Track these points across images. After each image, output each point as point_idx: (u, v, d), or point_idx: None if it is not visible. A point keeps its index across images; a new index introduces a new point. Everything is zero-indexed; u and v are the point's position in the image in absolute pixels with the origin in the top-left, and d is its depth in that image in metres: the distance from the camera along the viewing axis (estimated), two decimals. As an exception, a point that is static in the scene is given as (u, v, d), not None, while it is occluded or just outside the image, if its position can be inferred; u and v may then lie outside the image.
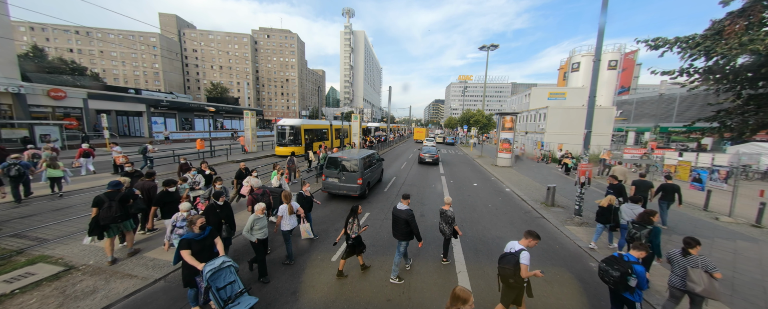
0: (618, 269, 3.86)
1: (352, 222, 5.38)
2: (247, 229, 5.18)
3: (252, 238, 5.21)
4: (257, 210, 5.34)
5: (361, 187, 10.50)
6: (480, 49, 36.81)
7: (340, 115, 42.42)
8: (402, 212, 5.46)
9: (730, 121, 9.94)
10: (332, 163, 10.91)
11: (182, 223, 5.21)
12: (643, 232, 5.43)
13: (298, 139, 22.10)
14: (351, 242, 5.40)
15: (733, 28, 8.22)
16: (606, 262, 4.06)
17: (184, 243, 4.09)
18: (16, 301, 4.36)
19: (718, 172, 11.25)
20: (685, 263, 4.24)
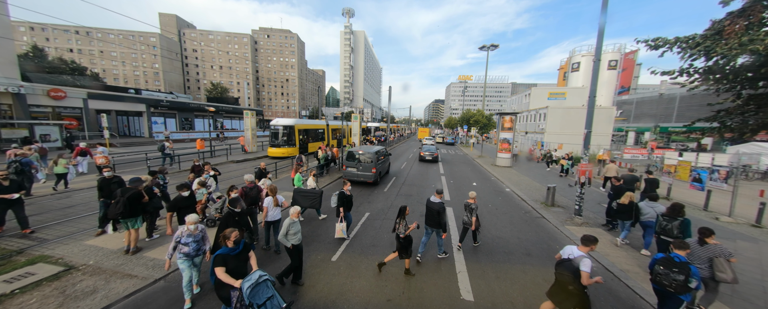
0: (680, 272, 3.82)
1: (400, 222, 5.59)
2: (283, 235, 4.96)
3: (287, 243, 4.99)
4: (293, 213, 5.10)
5: (374, 175, 12.95)
6: (480, 49, 36.82)
7: (340, 115, 42.31)
8: (435, 204, 6.19)
9: (730, 121, 9.95)
10: (351, 156, 13.28)
11: (187, 239, 4.46)
12: (674, 224, 5.65)
13: (292, 139, 21.16)
14: (402, 241, 5.56)
15: (733, 28, 8.23)
16: (663, 265, 4.00)
17: (220, 260, 3.70)
18: (16, 301, 4.35)
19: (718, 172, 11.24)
20: (704, 253, 4.48)
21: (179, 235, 4.49)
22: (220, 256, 3.75)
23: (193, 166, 10.16)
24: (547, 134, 30.51)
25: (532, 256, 6.73)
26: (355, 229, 7.95)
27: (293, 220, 5.05)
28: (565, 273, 3.95)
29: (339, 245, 6.90)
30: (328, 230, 7.79)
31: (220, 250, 3.85)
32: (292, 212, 5.13)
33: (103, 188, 6.75)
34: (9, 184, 6.45)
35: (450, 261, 6.35)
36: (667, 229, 5.70)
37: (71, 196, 10.00)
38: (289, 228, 4.97)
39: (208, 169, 9.09)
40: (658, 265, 4.06)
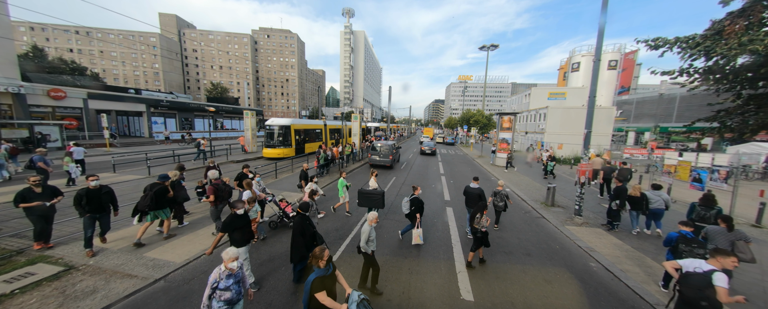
0: (701, 247, 4.68)
1: (479, 217, 5.90)
2: (365, 242, 4.85)
3: (368, 250, 4.89)
4: (372, 219, 4.93)
5: (391, 161, 18.43)
6: (480, 49, 36.79)
7: (340, 115, 42.24)
8: (474, 190, 7.58)
9: (730, 121, 9.94)
10: (374, 148, 18.80)
11: (227, 281, 3.48)
12: (712, 213, 6.36)
13: (288, 140, 20.63)
14: (479, 235, 5.89)
15: (733, 28, 8.22)
16: (683, 241, 4.84)
17: (319, 284, 3.37)
18: (16, 301, 4.35)
19: (718, 172, 11.24)
20: (728, 237, 5.04)
21: (216, 280, 3.45)
22: (318, 280, 3.40)
23: (207, 167, 9.91)
24: (547, 134, 30.50)
25: (532, 256, 6.73)
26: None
27: (373, 226, 4.95)
28: (694, 289, 3.52)
29: (340, 245, 6.90)
30: (327, 230, 7.79)
31: (315, 273, 3.48)
32: (370, 218, 4.98)
33: (92, 200, 5.84)
34: (41, 192, 5.86)
35: (450, 261, 6.35)
36: (706, 217, 6.46)
37: (72, 196, 9.98)
38: (370, 234, 4.87)
39: (247, 172, 9.02)
40: (682, 243, 4.87)
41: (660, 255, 6.81)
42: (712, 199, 6.70)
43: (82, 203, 5.76)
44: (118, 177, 12.97)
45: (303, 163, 11.24)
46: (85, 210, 5.80)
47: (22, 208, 5.69)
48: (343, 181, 9.13)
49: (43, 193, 5.87)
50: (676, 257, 4.83)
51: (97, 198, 5.95)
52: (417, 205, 6.85)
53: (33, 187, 5.79)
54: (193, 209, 9.03)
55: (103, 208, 6.10)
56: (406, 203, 7.04)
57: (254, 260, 6.00)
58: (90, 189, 5.90)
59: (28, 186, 5.78)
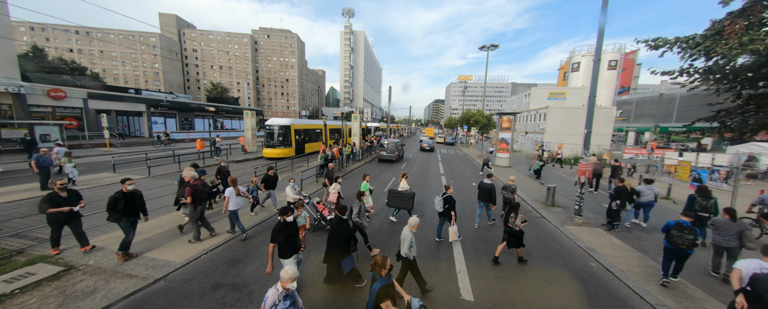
0: (691, 233, 5.23)
1: (514, 217, 6.02)
2: (408, 248, 4.77)
3: (411, 255, 4.82)
4: (413, 225, 4.84)
5: (396, 156, 21.69)
6: (480, 49, 36.80)
7: (340, 115, 42.25)
8: (487, 185, 8.21)
9: (730, 121, 9.93)
10: (382, 145, 22.22)
11: (285, 303, 3.25)
12: (710, 202, 7.22)
13: (288, 140, 20.61)
14: (516, 234, 5.99)
15: (733, 28, 8.21)
16: (677, 228, 5.34)
17: (384, 293, 3.31)
18: (16, 301, 4.36)
19: (718, 172, 11.24)
20: (734, 228, 5.56)
21: (274, 302, 3.17)
22: (383, 289, 3.33)
23: (219, 167, 9.71)
24: (547, 134, 30.49)
25: (532, 256, 6.73)
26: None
27: (414, 231, 4.87)
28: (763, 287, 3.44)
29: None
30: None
31: (379, 282, 3.41)
32: (412, 223, 4.86)
33: (128, 204, 5.72)
34: (67, 196, 5.70)
35: (450, 261, 6.35)
36: (707, 207, 7.24)
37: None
38: (412, 240, 4.79)
39: (272, 174, 8.91)
40: (674, 230, 5.34)
41: (660, 255, 6.78)
42: (707, 190, 7.45)
43: (117, 207, 5.57)
44: (118, 177, 12.95)
45: (303, 163, 11.24)
46: (120, 214, 5.62)
47: (49, 213, 5.48)
48: (366, 184, 8.59)
49: (70, 198, 5.71)
50: (668, 241, 5.45)
51: (132, 202, 5.81)
52: (450, 204, 6.97)
53: (59, 192, 5.61)
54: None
55: (137, 213, 5.98)
56: (440, 202, 7.10)
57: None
58: (125, 192, 5.72)
59: (53, 190, 5.59)
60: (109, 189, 11.12)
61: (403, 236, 4.87)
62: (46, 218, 5.56)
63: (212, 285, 5.11)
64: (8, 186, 10.81)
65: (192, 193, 6.52)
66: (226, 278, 5.35)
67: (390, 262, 3.51)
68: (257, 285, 5.17)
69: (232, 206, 6.90)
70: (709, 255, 6.83)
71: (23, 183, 11.38)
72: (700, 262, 6.51)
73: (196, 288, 5.00)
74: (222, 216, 8.32)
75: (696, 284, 5.61)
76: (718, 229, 5.74)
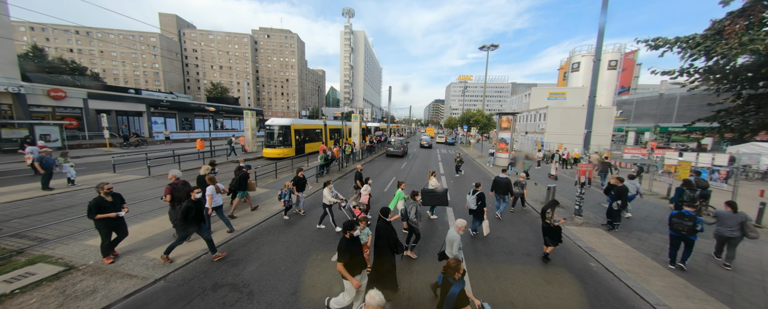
0: (690, 220, 5.72)
1: (551, 213, 6.20)
2: (458, 249, 4.85)
3: (460, 256, 4.89)
4: (461, 227, 4.94)
5: (402, 152, 25.66)
6: (480, 49, 36.79)
7: (340, 115, 42.26)
8: (503, 179, 9.01)
9: (730, 121, 9.94)
10: (389, 143, 26.71)
11: None
12: (696, 194, 8.16)
13: (288, 140, 20.58)
14: (553, 230, 6.13)
15: (733, 28, 8.23)
16: (677, 217, 5.88)
17: (463, 297, 3.30)
18: (16, 301, 4.35)
19: (718, 172, 11.25)
20: (736, 219, 5.99)
21: None
22: (462, 293, 3.27)
23: (238, 167, 9.38)
24: (547, 134, 30.51)
25: (532, 257, 6.73)
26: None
27: (461, 233, 4.91)
28: None
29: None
30: (328, 229, 7.79)
31: (456, 286, 3.34)
32: (460, 225, 4.92)
33: (198, 212, 5.79)
34: (112, 201, 5.64)
35: (450, 261, 6.35)
36: (694, 197, 8.09)
37: (72, 196, 10.01)
38: (460, 242, 4.84)
39: (301, 175, 8.90)
40: (675, 218, 5.92)
41: (660, 255, 6.82)
42: (692, 183, 8.43)
43: (188, 217, 5.54)
44: (118, 177, 12.97)
45: (303, 163, 11.26)
46: (191, 223, 5.59)
47: (97, 219, 5.39)
48: (401, 192, 7.90)
49: (114, 202, 5.65)
50: (671, 228, 6.03)
51: (199, 209, 5.79)
52: (482, 200, 7.41)
53: (105, 197, 5.52)
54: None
55: (203, 219, 5.86)
56: (473, 199, 7.43)
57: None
58: (194, 200, 5.69)
59: (99, 195, 5.51)
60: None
61: (450, 238, 4.89)
62: (95, 224, 5.48)
63: (212, 285, 5.11)
64: (8, 186, 10.81)
65: (171, 192, 6.52)
66: (226, 278, 5.34)
67: (464, 267, 3.41)
68: (257, 285, 5.17)
69: (216, 204, 7.06)
70: (708, 253, 6.86)
71: (23, 183, 11.38)
72: (701, 262, 6.51)
73: (196, 288, 5.00)
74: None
75: (696, 284, 5.61)
76: (721, 221, 6.14)
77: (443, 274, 3.58)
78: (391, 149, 25.70)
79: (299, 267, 5.85)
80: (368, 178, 9.21)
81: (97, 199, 5.42)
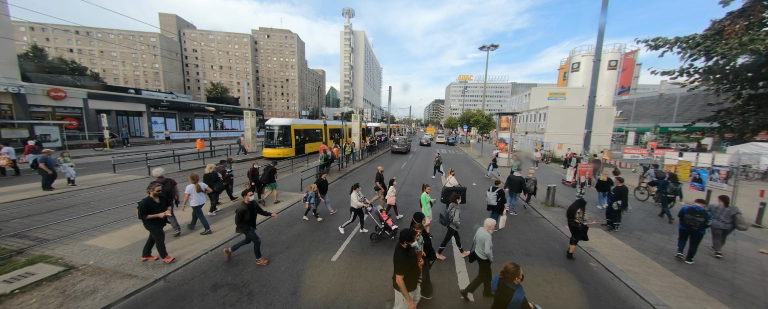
0: (701, 216, 6.12)
1: (581, 213, 6.34)
2: (489, 248, 4.86)
3: (491, 256, 4.93)
4: (490, 226, 4.98)
5: (406, 149, 28.23)
6: (480, 49, 36.79)
7: (340, 115, 42.28)
8: (516, 178, 9.49)
9: (730, 121, 9.95)
10: (395, 141, 30.05)
11: None
12: (679, 187, 9.05)
13: (288, 140, 20.58)
14: (580, 228, 6.33)
15: (733, 28, 8.23)
16: (690, 213, 6.24)
17: (526, 303, 3.26)
18: (16, 301, 4.35)
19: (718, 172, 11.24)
20: (727, 212, 6.50)
21: None
22: (526, 300, 3.22)
23: (253, 169, 9.73)
24: (547, 134, 30.50)
25: (532, 256, 6.73)
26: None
27: (491, 232, 4.95)
28: None
29: (339, 245, 6.90)
30: (328, 229, 7.79)
31: (519, 292, 3.25)
32: (489, 224, 4.95)
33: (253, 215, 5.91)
34: (160, 202, 5.70)
35: (450, 261, 6.35)
36: (677, 190, 9.17)
37: (72, 196, 10.00)
38: (490, 241, 4.87)
39: (325, 178, 8.83)
40: (687, 214, 6.26)
41: (660, 255, 6.82)
42: (676, 177, 9.37)
43: (245, 219, 5.61)
44: (118, 177, 12.97)
45: (303, 163, 11.28)
46: (248, 225, 5.67)
47: (147, 220, 5.48)
48: (426, 196, 7.54)
49: (161, 204, 5.72)
50: (683, 224, 6.36)
51: (253, 212, 5.82)
52: (502, 196, 7.85)
53: (154, 198, 5.59)
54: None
55: (255, 223, 5.91)
56: (493, 196, 7.81)
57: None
58: (248, 203, 5.74)
59: (149, 196, 5.57)
60: (109, 189, 11.13)
61: (481, 237, 4.88)
62: (145, 225, 5.56)
63: (212, 285, 5.11)
64: (8, 186, 10.81)
65: None
66: (226, 278, 5.34)
67: (522, 272, 3.33)
68: (257, 285, 5.17)
69: (194, 202, 7.09)
70: (708, 253, 6.87)
71: (23, 183, 11.38)
72: (701, 262, 6.51)
73: (196, 288, 5.00)
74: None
75: (696, 284, 5.61)
76: (715, 214, 6.56)
77: (501, 279, 3.41)
78: (396, 146, 28.31)
79: (299, 267, 5.85)
80: (393, 179, 9.19)
81: (146, 199, 5.48)
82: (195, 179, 7.15)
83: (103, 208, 8.85)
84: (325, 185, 8.87)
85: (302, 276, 5.52)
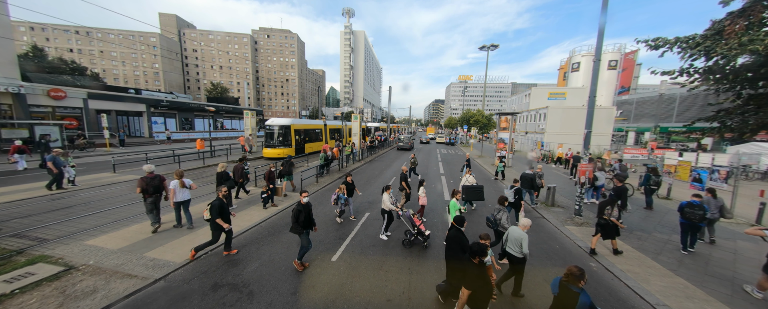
0: (700, 209, 6.65)
1: (610, 209, 6.48)
2: (526, 247, 4.94)
3: (527, 255, 5.00)
4: (526, 225, 5.07)
5: (410, 145, 31.99)
6: (480, 49, 36.80)
7: (340, 115, 42.32)
8: (529, 174, 9.97)
9: (730, 121, 9.93)
10: (399, 139, 40.56)
11: None
12: (660, 179, 10.60)
13: (288, 140, 20.61)
14: (612, 225, 6.45)
15: (733, 28, 8.21)
16: (689, 207, 6.74)
17: (595, 306, 3.25)
18: (16, 301, 4.35)
19: (718, 172, 11.24)
20: (716, 203, 7.31)
21: None
22: (592, 304, 3.19)
23: (269, 172, 9.39)
24: (547, 134, 30.51)
25: (532, 256, 6.71)
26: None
27: (527, 231, 5.05)
28: None
29: (339, 245, 6.90)
30: (328, 229, 7.79)
31: (585, 296, 3.18)
32: (526, 224, 5.04)
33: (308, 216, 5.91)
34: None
35: (450, 261, 6.34)
36: (659, 182, 10.67)
37: (72, 196, 10.00)
38: (527, 240, 4.95)
39: (350, 180, 8.79)
40: (687, 208, 6.77)
41: (660, 255, 6.82)
42: (656, 169, 10.61)
43: (299, 219, 5.57)
44: (118, 177, 12.97)
45: (303, 163, 11.31)
46: (301, 226, 5.63)
47: (218, 221, 5.77)
48: (455, 203, 7.11)
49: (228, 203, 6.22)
50: (683, 217, 6.81)
51: (309, 213, 5.78)
52: (520, 194, 8.37)
53: (224, 199, 6.06)
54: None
55: (310, 224, 5.84)
56: (511, 193, 8.32)
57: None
58: (304, 204, 5.74)
59: (219, 197, 6.02)
60: (110, 189, 11.13)
61: (519, 236, 4.97)
62: (212, 225, 5.86)
63: (212, 285, 5.11)
64: (8, 186, 10.81)
65: (142, 185, 6.98)
66: (226, 278, 5.34)
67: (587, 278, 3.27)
68: (257, 285, 5.17)
69: (179, 198, 7.24)
70: (708, 253, 6.87)
71: (23, 183, 11.38)
72: (701, 262, 6.51)
73: (196, 288, 5.00)
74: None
75: (696, 284, 5.61)
76: (705, 204, 6.99)
77: (564, 281, 3.37)
78: (401, 143, 33.41)
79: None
80: (423, 179, 9.12)
81: (219, 201, 5.92)
82: (181, 176, 7.34)
83: (103, 208, 8.86)
84: (351, 188, 8.71)
85: (302, 276, 5.52)
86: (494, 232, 6.39)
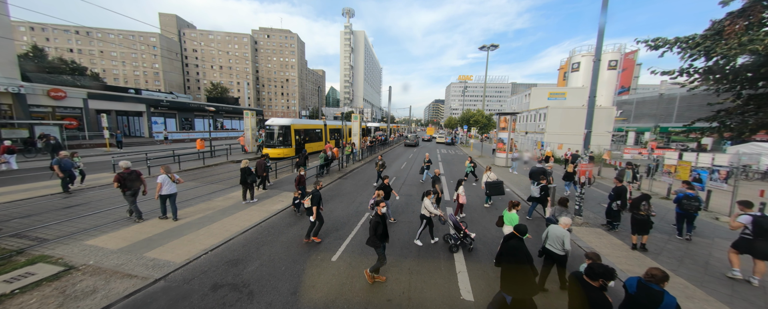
0: (696, 201, 7.39)
1: (646, 205, 6.78)
2: (569, 245, 5.05)
3: (569, 252, 5.11)
4: (566, 224, 5.18)
5: (415, 143, 38.97)
6: (480, 49, 36.84)
7: (340, 115, 42.39)
8: (538, 169, 10.06)
9: (730, 121, 9.94)
10: (405, 137, 46.58)
11: None
12: (639, 175, 11.11)
13: (288, 139, 20.65)
14: (646, 222, 6.78)
15: (733, 28, 8.23)
16: (687, 199, 7.40)
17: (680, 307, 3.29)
18: (16, 301, 4.35)
19: (718, 172, 11.24)
20: (700, 196, 7.72)
21: None
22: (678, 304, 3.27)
23: (299, 176, 9.31)
24: (547, 134, 30.48)
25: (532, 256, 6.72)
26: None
27: (568, 229, 5.16)
28: None
29: (339, 245, 6.90)
30: (328, 229, 7.79)
31: (670, 296, 3.22)
32: (566, 222, 5.19)
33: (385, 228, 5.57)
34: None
35: (450, 261, 6.34)
36: (637, 176, 12.14)
37: (71, 196, 10.00)
38: (569, 238, 5.08)
39: (387, 183, 8.62)
40: (684, 199, 7.43)
41: (660, 255, 6.82)
42: (634, 165, 12.02)
43: (378, 231, 5.14)
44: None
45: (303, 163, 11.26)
46: (379, 239, 5.20)
47: (314, 208, 6.70)
48: (513, 215, 6.27)
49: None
50: (680, 208, 7.48)
51: (385, 225, 5.32)
52: (546, 191, 8.70)
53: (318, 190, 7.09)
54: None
55: (387, 236, 5.33)
56: (537, 189, 8.79)
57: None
58: (381, 215, 5.31)
59: (316, 189, 7.03)
60: (109, 189, 11.12)
61: (560, 234, 5.09)
62: (308, 211, 7.00)
63: (212, 285, 5.11)
64: (8, 186, 10.81)
65: (118, 179, 7.40)
66: (226, 278, 5.34)
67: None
68: (257, 285, 5.17)
69: (166, 191, 7.53)
70: (708, 253, 6.87)
71: (23, 183, 11.39)
72: (701, 262, 6.51)
73: (196, 288, 5.00)
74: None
75: (696, 284, 5.61)
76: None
77: (647, 281, 3.35)
78: (408, 141, 38.83)
79: (299, 267, 5.85)
80: (461, 179, 9.07)
81: (316, 191, 6.90)
82: (168, 170, 7.68)
83: (103, 208, 8.86)
84: (388, 191, 8.49)
85: (302, 276, 5.52)
86: None
